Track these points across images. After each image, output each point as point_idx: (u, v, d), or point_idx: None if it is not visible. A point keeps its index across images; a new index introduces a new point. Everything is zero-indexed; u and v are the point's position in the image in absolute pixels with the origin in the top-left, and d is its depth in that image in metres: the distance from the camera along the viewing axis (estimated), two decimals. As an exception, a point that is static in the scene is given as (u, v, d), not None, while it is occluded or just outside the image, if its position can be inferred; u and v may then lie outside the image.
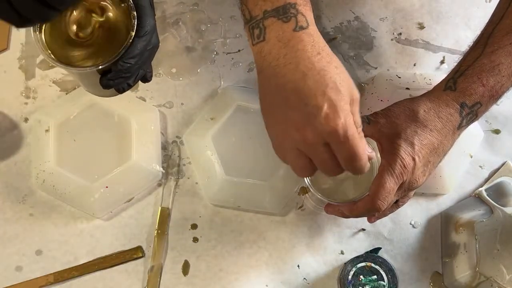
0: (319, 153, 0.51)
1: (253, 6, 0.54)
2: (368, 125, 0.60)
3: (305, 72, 0.50)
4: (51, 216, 0.70)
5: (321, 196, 0.64)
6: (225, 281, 0.70)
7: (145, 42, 0.52)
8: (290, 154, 0.54)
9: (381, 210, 0.57)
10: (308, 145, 0.51)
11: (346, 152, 0.50)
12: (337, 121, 0.49)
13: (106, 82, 0.53)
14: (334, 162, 0.52)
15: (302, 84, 0.50)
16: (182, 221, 0.71)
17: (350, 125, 0.50)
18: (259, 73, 0.55)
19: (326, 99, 0.49)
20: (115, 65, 0.52)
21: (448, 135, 0.58)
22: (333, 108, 0.49)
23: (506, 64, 0.58)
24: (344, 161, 0.51)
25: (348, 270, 0.68)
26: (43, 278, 0.68)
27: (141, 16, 0.52)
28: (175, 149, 0.74)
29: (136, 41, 0.52)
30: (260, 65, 0.54)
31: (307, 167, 0.54)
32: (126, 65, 0.52)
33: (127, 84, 0.54)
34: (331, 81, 0.50)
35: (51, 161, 0.69)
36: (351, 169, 0.52)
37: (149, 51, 0.54)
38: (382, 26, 0.80)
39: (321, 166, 0.53)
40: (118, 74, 0.52)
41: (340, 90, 0.50)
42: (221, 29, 0.78)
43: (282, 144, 0.54)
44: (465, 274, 0.67)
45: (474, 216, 0.69)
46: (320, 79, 0.50)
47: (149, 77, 0.59)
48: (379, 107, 0.63)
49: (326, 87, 0.49)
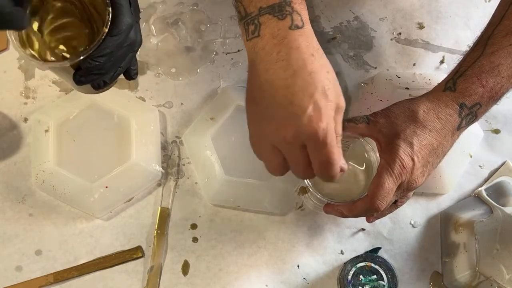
0: (295, 154, 0.52)
1: (248, 3, 0.54)
2: (368, 125, 0.60)
3: (296, 71, 0.50)
4: (51, 216, 0.70)
5: (321, 196, 0.64)
6: (225, 281, 0.70)
7: (118, 41, 0.52)
8: (265, 150, 0.54)
9: (379, 210, 0.57)
10: (286, 144, 0.51)
11: (321, 157, 0.51)
12: (319, 124, 0.49)
13: (78, 79, 0.52)
14: (307, 165, 0.52)
15: (291, 82, 0.50)
16: (182, 221, 0.71)
17: (330, 131, 0.50)
18: (250, 67, 0.55)
19: (313, 101, 0.49)
20: (84, 62, 0.51)
21: (447, 136, 0.58)
22: (318, 112, 0.49)
23: (506, 65, 0.58)
24: (318, 165, 0.52)
25: (347, 270, 0.68)
26: (42, 278, 0.68)
27: (117, 14, 0.51)
28: (174, 149, 0.74)
29: (107, 40, 0.51)
30: (252, 60, 0.54)
31: (280, 165, 0.54)
32: (94, 63, 0.51)
33: (103, 82, 0.54)
34: (320, 85, 0.50)
35: (50, 161, 0.69)
36: (323, 175, 0.53)
37: (125, 48, 0.53)
38: (382, 26, 0.80)
39: (294, 167, 0.53)
40: (89, 71, 0.52)
41: (328, 95, 0.50)
42: (220, 29, 0.78)
43: (260, 139, 0.54)
44: (465, 274, 0.67)
45: (474, 216, 0.69)
46: (310, 81, 0.50)
47: (133, 74, 0.58)
48: (378, 107, 0.63)
49: (315, 90, 0.50)
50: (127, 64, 0.57)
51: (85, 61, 0.51)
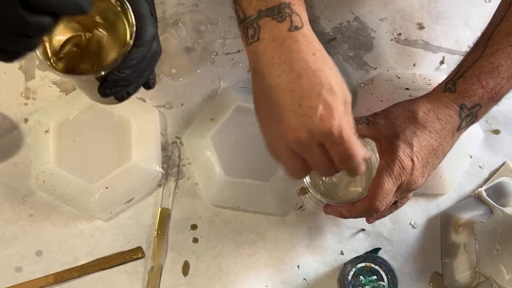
0: (314, 154, 0.51)
1: (247, 5, 0.54)
2: (367, 125, 0.60)
3: (300, 72, 0.50)
4: (51, 217, 0.70)
5: (321, 196, 0.64)
6: (225, 281, 0.70)
7: (143, 52, 0.51)
8: (284, 155, 0.53)
9: (379, 210, 0.57)
10: (303, 146, 0.51)
11: (341, 152, 0.50)
12: (332, 122, 0.49)
13: (103, 91, 0.52)
14: (329, 163, 0.52)
15: (296, 84, 0.50)
16: (182, 221, 0.71)
17: (345, 125, 0.49)
18: (253, 73, 0.54)
19: (321, 100, 0.49)
20: (110, 74, 0.51)
21: (447, 137, 0.58)
22: (328, 109, 0.49)
23: (506, 66, 0.58)
24: (339, 161, 0.51)
25: (348, 270, 0.68)
26: (43, 279, 0.68)
27: (141, 25, 0.51)
28: (175, 150, 0.74)
29: (133, 51, 0.50)
30: (254, 65, 0.54)
31: (301, 168, 0.53)
32: (121, 75, 0.51)
33: (127, 93, 0.53)
34: (326, 82, 0.50)
35: (51, 162, 0.69)
36: (347, 169, 0.52)
37: (148, 59, 0.53)
38: (382, 26, 0.80)
39: (316, 167, 0.53)
40: (115, 83, 0.51)
41: (335, 91, 0.50)
42: (220, 30, 0.78)
43: (276, 145, 0.54)
44: (465, 274, 0.67)
45: (474, 216, 0.69)
46: (315, 80, 0.50)
47: (152, 83, 0.57)
48: (378, 107, 0.63)
49: (321, 88, 0.49)
50: (149, 74, 0.56)
51: (112, 73, 0.50)
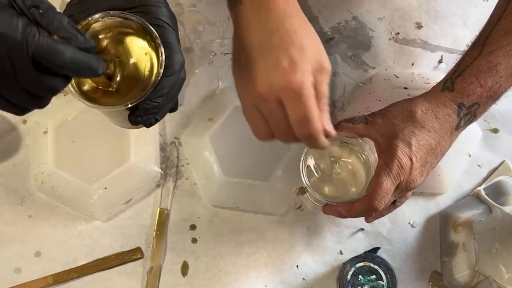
0: (273, 112, 0.51)
1: None
2: (366, 125, 0.60)
3: (273, 30, 0.50)
4: (50, 218, 0.70)
5: (319, 196, 0.64)
6: (224, 281, 0.70)
7: (173, 81, 0.51)
8: (250, 114, 0.53)
9: (378, 210, 0.57)
10: (263, 101, 0.50)
11: (297, 113, 0.49)
12: (292, 76, 0.48)
13: (135, 119, 0.52)
14: (287, 125, 0.51)
15: (267, 40, 0.50)
16: (181, 222, 0.71)
17: (306, 85, 0.49)
18: (234, 36, 0.55)
19: (287, 55, 0.49)
20: (142, 103, 0.51)
21: (445, 136, 0.58)
22: (292, 65, 0.48)
23: (504, 64, 0.58)
24: (295, 124, 0.50)
25: (347, 270, 0.68)
26: (42, 279, 0.68)
27: (170, 54, 0.51)
28: (173, 150, 0.74)
29: (164, 80, 0.51)
30: (236, 28, 0.54)
31: (264, 129, 0.53)
32: (153, 104, 0.51)
33: (155, 119, 0.53)
34: (297, 42, 0.50)
35: (49, 163, 0.69)
36: (305, 139, 0.51)
37: (177, 86, 0.53)
38: (380, 25, 0.80)
39: (274, 128, 0.52)
40: (146, 111, 0.52)
41: (305, 51, 0.49)
42: (219, 30, 0.78)
43: (245, 102, 0.54)
44: (464, 274, 0.67)
45: (473, 215, 0.69)
46: (286, 38, 0.50)
47: (175, 108, 0.58)
48: (377, 106, 0.63)
49: (290, 46, 0.49)
50: (176, 100, 0.56)
51: (144, 102, 0.51)
